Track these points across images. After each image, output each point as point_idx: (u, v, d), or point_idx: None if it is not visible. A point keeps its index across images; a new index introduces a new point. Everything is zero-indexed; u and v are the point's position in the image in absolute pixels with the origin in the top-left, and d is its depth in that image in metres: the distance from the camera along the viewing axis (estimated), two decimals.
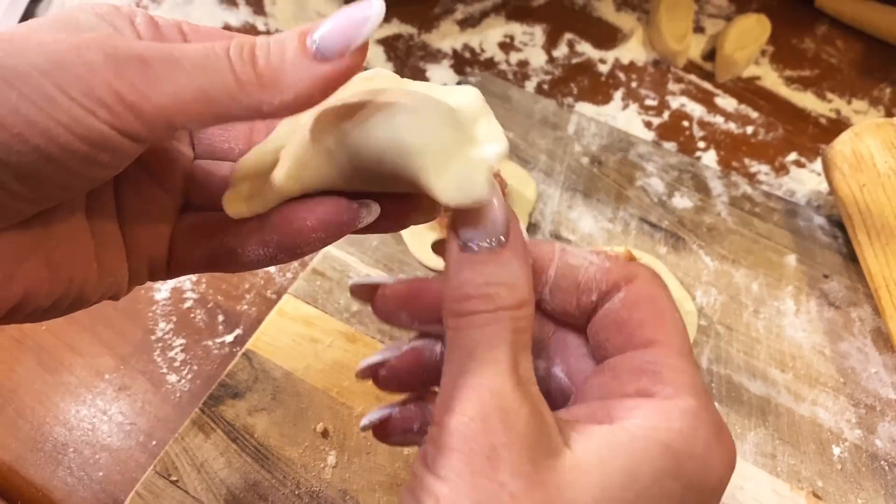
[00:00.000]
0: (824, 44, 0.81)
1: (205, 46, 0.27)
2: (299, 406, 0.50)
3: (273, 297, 0.58)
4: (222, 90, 0.26)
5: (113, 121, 0.25)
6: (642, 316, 0.29)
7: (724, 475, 0.27)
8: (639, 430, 0.26)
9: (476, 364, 0.26)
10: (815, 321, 0.57)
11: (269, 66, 0.27)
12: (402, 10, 0.80)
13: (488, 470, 0.24)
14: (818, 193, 0.67)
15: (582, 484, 0.25)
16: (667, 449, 0.25)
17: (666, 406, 0.27)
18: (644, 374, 0.28)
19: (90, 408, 0.52)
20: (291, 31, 0.27)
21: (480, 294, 0.27)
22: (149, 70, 0.25)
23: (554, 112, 0.69)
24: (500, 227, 0.27)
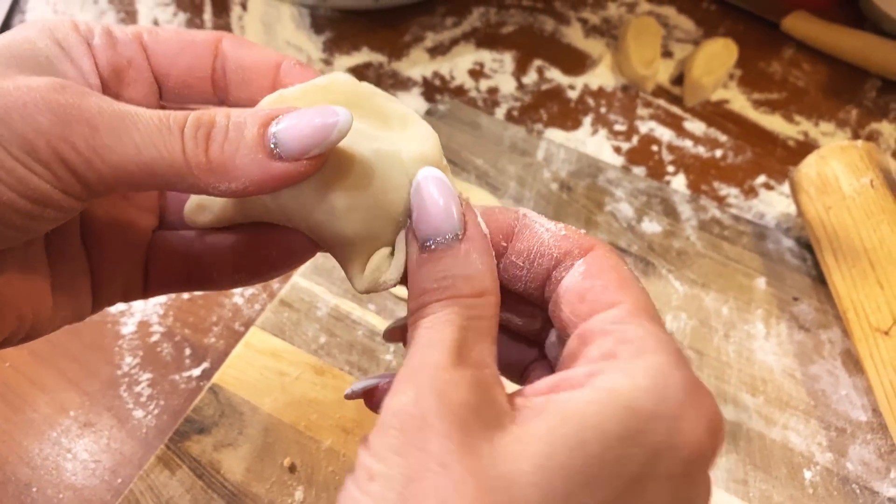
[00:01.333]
0: (791, 67, 0.82)
1: (160, 117, 0.26)
2: (266, 441, 0.49)
3: (241, 330, 0.57)
4: (169, 168, 0.26)
5: (55, 182, 0.25)
6: (605, 282, 0.28)
7: (703, 442, 0.24)
8: (596, 393, 0.24)
9: (421, 349, 0.26)
10: (785, 344, 0.58)
11: (222, 153, 0.26)
12: (372, 38, 0.80)
13: (419, 441, 0.23)
14: (787, 216, 0.68)
15: (521, 454, 0.23)
16: (627, 409, 0.23)
17: (629, 365, 0.25)
18: (608, 335, 0.26)
19: (54, 446, 0.51)
20: (254, 116, 0.27)
21: (436, 287, 0.27)
22: (96, 136, 0.25)
23: (523, 138, 0.69)
24: (454, 222, 0.28)
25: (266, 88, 0.32)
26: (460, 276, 0.27)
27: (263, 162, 0.26)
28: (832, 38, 0.82)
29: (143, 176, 0.25)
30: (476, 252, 0.28)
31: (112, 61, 0.30)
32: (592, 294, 0.27)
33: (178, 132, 0.26)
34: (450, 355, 0.25)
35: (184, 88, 0.33)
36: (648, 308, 0.27)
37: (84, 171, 0.25)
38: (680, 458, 0.24)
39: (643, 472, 0.23)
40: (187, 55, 0.32)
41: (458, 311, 0.26)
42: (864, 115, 0.77)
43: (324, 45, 0.79)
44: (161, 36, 0.32)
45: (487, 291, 0.27)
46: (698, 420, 0.24)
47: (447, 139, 0.68)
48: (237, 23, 0.80)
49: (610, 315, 0.27)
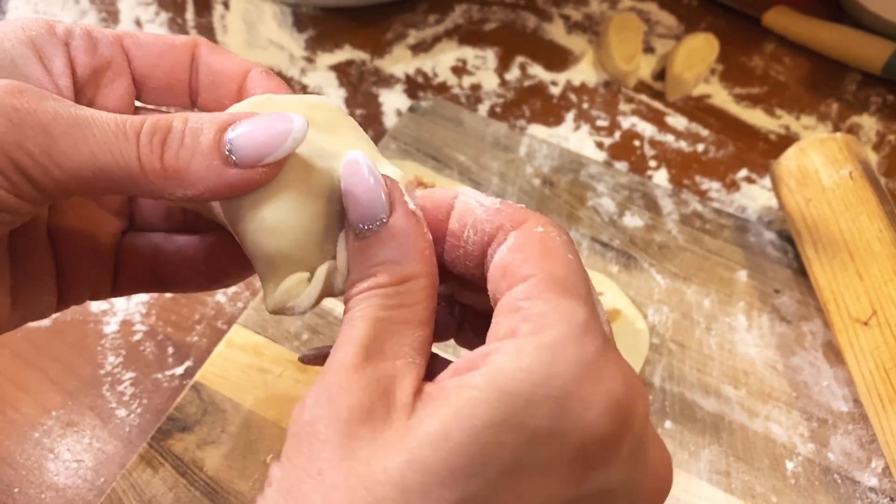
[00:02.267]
0: (772, 61, 0.82)
1: (117, 123, 0.26)
2: (249, 438, 0.49)
3: (224, 328, 0.57)
4: (124, 174, 0.26)
5: (10, 188, 0.25)
6: (525, 254, 0.26)
7: (599, 424, 0.22)
8: (479, 378, 0.23)
9: (335, 348, 0.26)
10: (767, 336, 0.58)
11: (177, 159, 0.26)
12: (355, 35, 0.80)
13: (306, 448, 0.23)
14: (769, 209, 0.68)
15: (393, 449, 0.22)
16: (501, 393, 0.22)
17: (520, 343, 0.23)
18: (514, 311, 0.25)
19: (36, 446, 0.51)
20: (211, 121, 0.27)
21: (359, 278, 0.27)
22: (51, 143, 0.25)
23: (506, 135, 0.69)
24: (377, 206, 0.27)
25: (233, 93, 0.33)
26: (384, 263, 0.26)
27: (219, 169, 0.26)
28: (813, 33, 0.82)
29: (100, 182, 0.25)
30: (402, 233, 0.27)
31: (91, 62, 0.31)
32: (511, 268, 0.26)
33: (133, 138, 0.26)
34: (353, 356, 0.25)
35: (164, 91, 0.33)
36: (564, 279, 0.25)
37: (39, 178, 0.25)
38: (569, 443, 0.22)
39: (518, 460, 0.22)
40: (169, 59, 0.32)
41: (375, 303, 0.26)
42: (845, 109, 0.77)
43: (306, 42, 0.79)
44: (142, 39, 0.32)
45: (414, 275, 0.26)
46: (594, 400, 0.22)
47: (430, 136, 0.68)
48: (219, 21, 0.80)
49: (520, 289, 0.25)
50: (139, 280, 0.36)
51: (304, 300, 0.29)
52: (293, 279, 0.29)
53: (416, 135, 0.68)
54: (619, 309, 0.56)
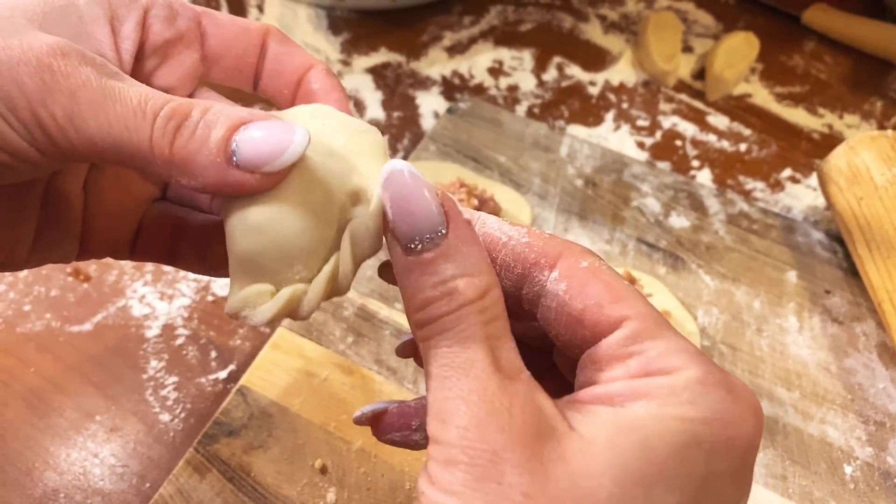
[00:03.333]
0: (813, 60, 0.81)
1: (140, 100, 0.26)
2: (296, 442, 0.49)
3: (266, 331, 0.57)
4: (135, 151, 0.26)
5: (31, 140, 0.25)
6: (596, 298, 0.26)
7: (751, 432, 0.25)
8: (645, 410, 0.24)
9: (456, 371, 0.25)
10: (819, 338, 0.56)
11: (185, 149, 0.26)
12: (390, 38, 0.79)
13: (494, 474, 0.23)
14: (815, 209, 0.67)
15: (592, 467, 0.23)
16: (680, 421, 0.24)
17: (668, 381, 0.24)
18: (629, 356, 0.25)
19: (81, 451, 0.51)
20: (227, 117, 0.26)
21: (439, 295, 0.25)
22: (74, 108, 0.25)
23: (546, 135, 0.68)
24: (435, 216, 0.25)
25: (293, 84, 0.33)
26: (460, 276, 0.25)
27: (221, 167, 0.26)
28: (854, 30, 0.81)
29: (111, 153, 0.26)
30: (467, 244, 0.25)
31: (165, 32, 0.31)
32: (590, 316, 0.26)
33: (150, 118, 0.26)
34: (493, 374, 0.24)
35: (232, 72, 0.33)
36: (653, 314, 0.26)
37: (57, 137, 0.25)
38: (737, 452, 0.25)
39: (709, 470, 0.24)
40: (242, 42, 0.32)
41: (476, 321, 0.25)
42: (890, 107, 0.76)
43: (341, 45, 0.78)
44: (220, 19, 0.33)
45: (491, 285, 0.25)
46: (745, 415, 0.25)
47: (468, 137, 0.68)
48: None
49: (621, 335, 0.25)
50: (157, 248, 0.36)
51: (259, 314, 0.28)
52: (253, 289, 0.28)
53: (455, 136, 0.68)
54: (668, 311, 0.55)
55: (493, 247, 0.28)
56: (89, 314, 0.57)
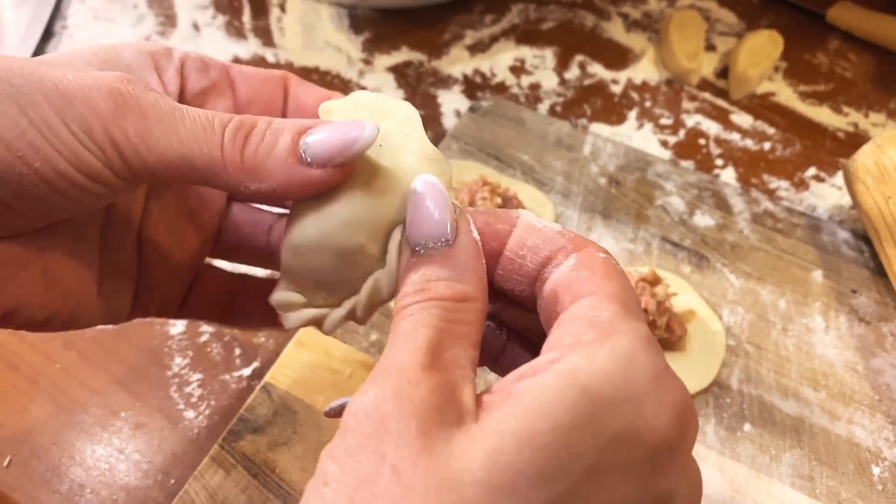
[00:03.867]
0: (837, 58, 0.80)
1: (207, 117, 0.28)
2: (321, 439, 0.49)
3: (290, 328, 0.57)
4: (207, 163, 0.28)
5: (105, 160, 0.27)
6: (590, 273, 0.27)
7: (668, 430, 0.23)
8: (553, 376, 0.23)
9: (393, 349, 0.25)
10: (845, 337, 0.56)
11: (256, 154, 0.28)
12: (411, 37, 0.79)
13: (374, 443, 0.22)
14: (840, 208, 0.66)
15: (472, 451, 0.22)
16: (583, 394, 0.22)
17: (592, 348, 0.24)
18: (579, 320, 0.25)
19: (106, 447, 0.51)
20: (291, 125, 0.29)
21: (417, 290, 0.27)
22: (146, 125, 0.27)
23: (568, 133, 0.68)
24: (443, 228, 0.28)
25: (314, 117, 0.36)
26: (444, 279, 0.27)
27: (293, 167, 0.28)
28: (879, 28, 0.80)
29: (183, 168, 0.27)
30: (464, 258, 0.28)
31: (200, 82, 0.34)
32: (576, 283, 0.27)
33: (219, 131, 0.28)
34: (419, 356, 0.25)
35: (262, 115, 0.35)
36: (627, 301, 0.26)
37: (131, 156, 0.27)
38: (642, 447, 0.23)
39: (600, 460, 0.22)
40: (267, 89, 0.36)
41: (436, 313, 0.26)
42: None
43: (363, 44, 0.78)
44: (245, 70, 0.36)
45: (471, 297, 0.27)
46: (663, 406, 0.23)
47: (491, 136, 0.67)
48: (276, 24, 0.80)
49: (586, 302, 0.26)
50: (207, 308, 0.38)
51: (288, 320, 0.31)
52: (287, 296, 0.31)
53: (478, 135, 0.68)
54: (693, 310, 0.55)
55: (529, 232, 0.29)
56: None
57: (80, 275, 0.32)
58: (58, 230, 0.31)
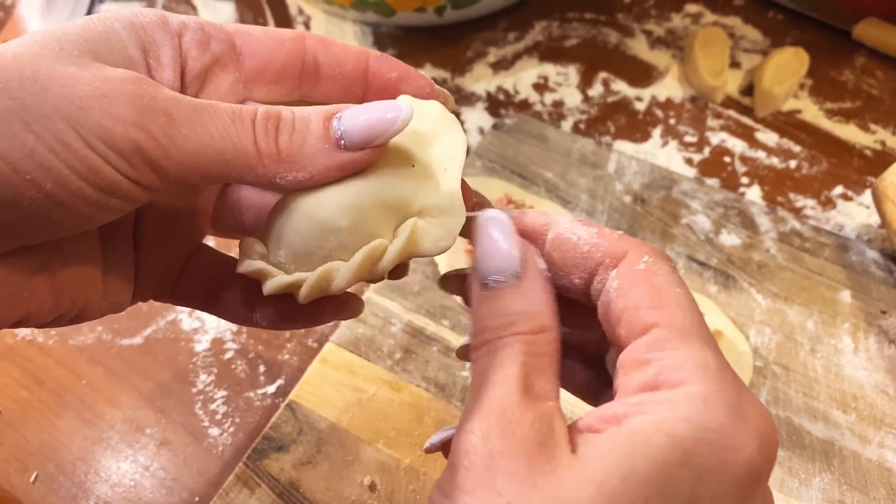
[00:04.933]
0: (864, 75, 0.79)
1: (233, 110, 0.27)
2: (345, 459, 0.49)
3: (314, 346, 0.57)
4: (241, 158, 0.27)
5: (129, 171, 0.25)
6: (636, 300, 0.27)
7: (752, 459, 0.24)
8: (640, 425, 0.24)
9: (487, 386, 0.26)
10: (875, 359, 0.55)
11: (291, 143, 0.27)
12: (435, 54, 0.80)
13: (487, 479, 0.24)
14: (868, 227, 0.66)
15: (578, 482, 0.23)
16: (670, 438, 0.24)
17: (670, 396, 0.25)
18: (646, 364, 0.26)
19: (132, 463, 0.51)
20: (317, 111, 0.28)
21: (496, 325, 0.27)
22: (173, 127, 0.25)
23: (593, 151, 0.68)
24: (513, 261, 0.28)
25: (359, 81, 0.33)
26: (520, 313, 0.27)
27: (330, 152, 0.28)
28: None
29: (216, 166, 0.26)
30: (535, 290, 0.28)
31: (202, 58, 0.31)
32: (627, 317, 0.27)
33: (249, 124, 0.27)
34: (515, 392, 0.26)
35: (275, 86, 0.33)
36: (684, 325, 0.26)
37: (160, 160, 0.25)
38: (730, 478, 0.24)
39: (695, 493, 0.24)
40: (280, 56, 0.32)
41: (520, 348, 0.27)
42: None
43: None
44: (252, 36, 0.32)
45: (547, 328, 0.27)
46: (745, 439, 0.24)
47: (515, 153, 0.67)
48: None
49: (644, 342, 0.26)
50: (197, 293, 0.36)
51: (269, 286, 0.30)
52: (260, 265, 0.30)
53: (501, 152, 0.68)
54: (720, 330, 0.54)
55: (564, 246, 0.30)
56: (140, 327, 0.58)
57: (86, 276, 0.31)
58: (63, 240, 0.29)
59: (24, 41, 0.26)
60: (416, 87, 0.33)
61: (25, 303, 0.28)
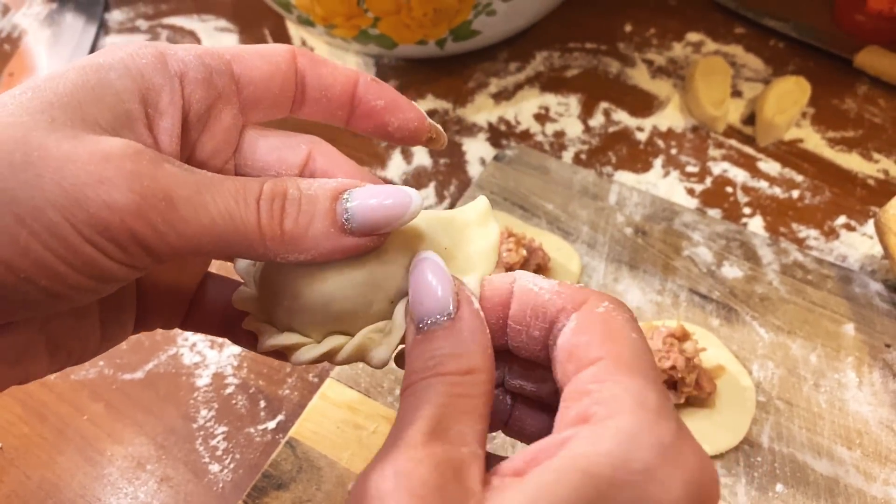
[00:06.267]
0: (866, 103, 0.79)
1: (237, 189, 0.26)
2: (344, 497, 0.48)
3: (315, 381, 0.57)
4: (242, 239, 0.26)
5: (124, 259, 0.24)
6: (588, 337, 0.26)
7: (680, 502, 0.22)
8: (558, 462, 0.22)
9: (397, 426, 0.25)
10: (880, 394, 0.55)
11: (297, 227, 0.27)
12: (437, 85, 0.80)
13: None
14: (872, 258, 0.65)
15: None
16: (585, 477, 0.22)
17: (597, 429, 0.23)
18: (585, 395, 0.25)
19: (132, 500, 0.51)
20: (324, 189, 0.27)
21: (423, 366, 0.26)
22: (173, 212, 0.24)
23: (594, 182, 0.68)
24: (443, 303, 0.27)
25: (344, 105, 0.32)
26: (448, 354, 0.26)
27: (335, 236, 0.27)
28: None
29: (214, 246, 0.26)
30: (467, 331, 0.27)
31: (206, 97, 0.30)
32: (577, 351, 0.26)
33: (254, 205, 0.26)
34: (421, 433, 0.24)
35: (272, 110, 0.32)
36: (632, 362, 0.25)
37: (156, 245, 0.24)
38: None
39: None
40: (277, 79, 0.31)
41: (440, 389, 0.26)
42: None
43: None
44: (249, 61, 0.31)
45: (477, 370, 0.26)
46: (672, 481, 0.22)
47: (516, 184, 0.67)
48: None
49: (589, 373, 0.25)
50: (209, 322, 0.36)
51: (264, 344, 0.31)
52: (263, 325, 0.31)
53: (503, 184, 0.68)
54: (722, 365, 0.54)
55: (525, 297, 0.29)
56: (142, 362, 0.58)
57: (83, 332, 0.30)
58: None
59: (11, 109, 0.24)
60: (403, 118, 0.33)
61: (23, 367, 0.28)
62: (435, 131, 0.34)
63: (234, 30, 0.88)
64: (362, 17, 0.68)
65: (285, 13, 0.73)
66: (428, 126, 0.34)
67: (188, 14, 0.89)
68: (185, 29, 0.88)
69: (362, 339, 0.30)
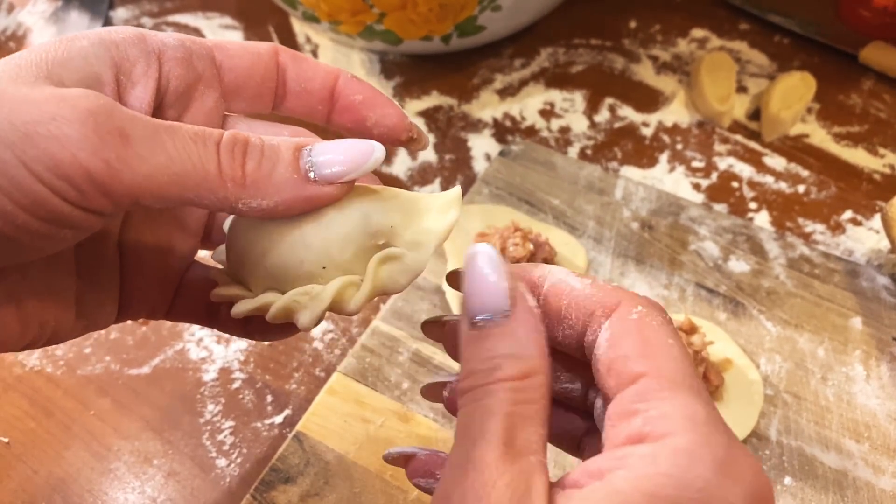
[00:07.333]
0: (871, 98, 0.79)
1: (196, 132, 0.26)
2: (352, 490, 0.48)
3: (321, 375, 0.57)
4: (201, 181, 0.25)
5: (78, 200, 0.24)
6: (626, 350, 0.26)
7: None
8: (620, 482, 0.23)
9: (467, 441, 0.25)
10: (887, 387, 0.55)
11: (258, 170, 0.26)
12: (441, 81, 0.80)
13: None
14: (879, 252, 0.65)
15: None
16: (650, 498, 0.22)
17: (654, 449, 0.23)
18: (633, 415, 0.25)
19: (139, 495, 0.51)
20: (287, 142, 0.27)
21: (483, 369, 0.26)
22: (128, 147, 0.24)
23: (600, 177, 0.68)
24: (500, 300, 0.26)
25: (326, 100, 0.33)
26: (507, 356, 0.26)
27: (298, 183, 0.27)
28: None
29: (173, 189, 0.25)
30: (524, 330, 0.26)
31: (186, 77, 0.30)
32: (616, 367, 0.26)
33: (213, 146, 0.26)
34: (496, 447, 0.24)
35: (254, 100, 0.33)
36: (674, 375, 0.25)
37: (111, 184, 0.24)
38: None
39: None
40: (258, 70, 0.32)
41: (503, 396, 0.25)
42: None
43: (394, 89, 0.79)
44: (231, 51, 0.32)
45: (535, 371, 0.26)
46: (733, 494, 0.23)
47: (522, 180, 0.67)
48: None
49: (632, 391, 0.25)
50: (195, 310, 0.36)
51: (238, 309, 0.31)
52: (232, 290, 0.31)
53: (508, 179, 0.68)
54: (730, 359, 0.54)
55: (558, 297, 0.29)
56: (148, 357, 0.58)
57: (56, 303, 0.30)
58: (26, 265, 0.28)
59: None
60: (381, 114, 0.33)
61: None
62: (416, 131, 0.34)
63: (239, 27, 0.88)
64: (368, 13, 0.68)
65: (290, 10, 0.73)
66: (408, 125, 0.34)
67: (193, 11, 0.89)
68: (190, 26, 0.88)
69: (288, 301, 0.29)
